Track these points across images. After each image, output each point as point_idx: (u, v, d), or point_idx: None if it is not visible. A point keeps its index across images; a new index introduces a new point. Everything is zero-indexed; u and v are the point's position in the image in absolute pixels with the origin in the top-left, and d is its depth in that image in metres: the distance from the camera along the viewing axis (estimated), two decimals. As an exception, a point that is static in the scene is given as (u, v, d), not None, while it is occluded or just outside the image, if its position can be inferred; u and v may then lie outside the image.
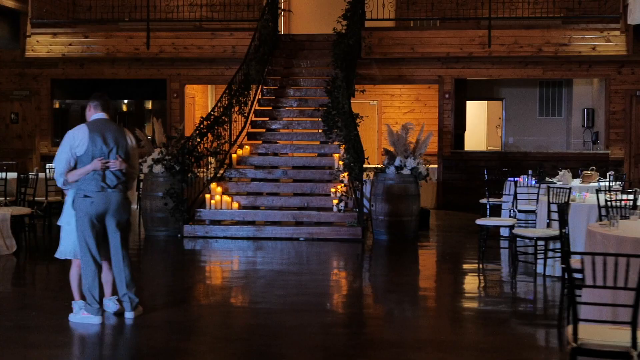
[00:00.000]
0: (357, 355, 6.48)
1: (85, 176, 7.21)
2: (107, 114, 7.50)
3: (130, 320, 7.41)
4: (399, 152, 12.92)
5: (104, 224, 7.34)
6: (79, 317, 7.39)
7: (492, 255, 11.12)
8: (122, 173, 7.33)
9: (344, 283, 9.96)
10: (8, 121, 18.45)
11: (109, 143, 7.25)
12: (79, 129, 7.31)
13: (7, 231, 11.21)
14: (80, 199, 7.23)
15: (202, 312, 8.04)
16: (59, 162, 7.25)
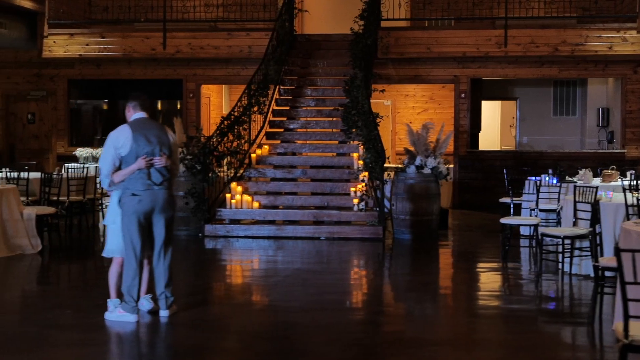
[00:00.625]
0: (392, 353, 6.52)
1: (131, 175, 7.26)
2: (146, 112, 7.55)
3: (165, 319, 7.45)
4: (420, 151, 12.96)
5: (149, 222, 7.39)
6: (115, 316, 7.43)
7: (513, 254, 11.16)
8: (166, 170, 7.38)
9: (369, 282, 10.01)
10: (25, 121, 18.53)
11: (152, 141, 7.30)
12: (122, 130, 7.35)
13: (32, 230, 11.26)
14: (127, 197, 7.26)
15: (234, 310, 8.09)
16: (104, 163, 7.30)
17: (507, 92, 19.83)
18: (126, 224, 7.31)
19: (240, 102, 14.09)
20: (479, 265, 10.98)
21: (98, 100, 19.45)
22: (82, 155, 17.28)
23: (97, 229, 13.69)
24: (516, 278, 9.99)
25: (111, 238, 7.54)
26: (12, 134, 18.55)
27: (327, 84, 16.08)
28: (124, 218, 7.32)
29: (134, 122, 7.43)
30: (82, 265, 11.06)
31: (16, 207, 11.21)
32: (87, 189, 13.45)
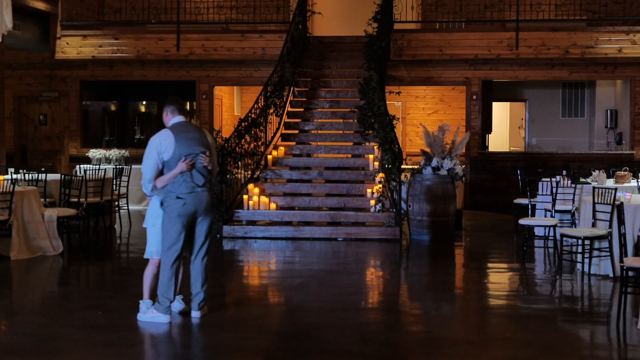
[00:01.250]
0: (424, 352, 6.64)
1: (174, 179, 7.35)
2: (184, 116, 7.66)
3: (197, 320, 7.56)
4: (436, 153, 13.06)
5: (192, 224, 7.49)
6: (148, 317, 7.53)
7: (529, 255, 11.27)
8: (207, 171, 7.49)
9: (391, 282, 10.12)
10: (37, 122, 18.62)
11: (193, 144, 7.40)
12: (164, 134, 7.42)
13: (53, 232, 11.36)
14: (172, 200, 7.35)
15: (263, 311, 8.19)
16: (147, 168, 7.37)
17: (516, 93, 19.95)
18: (168, 227, 7.41)
19: (257, 104, 14.19)
20: (498, 266, 11.09)
21: (110, 101, 19.53)
22: (94, 157, 17.34)
23: (114, 231, 13.78)
24: (536, 278, 10.11)
25: (151, 240, 7.64)
26: (24, 135, 18.64)
27: (340, 86, 16.18)
28: (167, 221, 7.41)
29: (174, 126, 7.52)
30: (105, 266, 11.14)
31: (37, 208, 11.30)
32: (104, 190, 13.52)
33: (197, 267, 7.65)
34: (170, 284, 7.45)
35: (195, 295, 7.66)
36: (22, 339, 6.91)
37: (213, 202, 7.64)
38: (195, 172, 7.40)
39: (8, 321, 7.57)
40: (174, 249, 7.42)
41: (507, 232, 13.72)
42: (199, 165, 7.40)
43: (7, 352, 6.51)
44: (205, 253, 7.66)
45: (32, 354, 6.46)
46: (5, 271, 10.18)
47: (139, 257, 11.57)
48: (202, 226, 7.57)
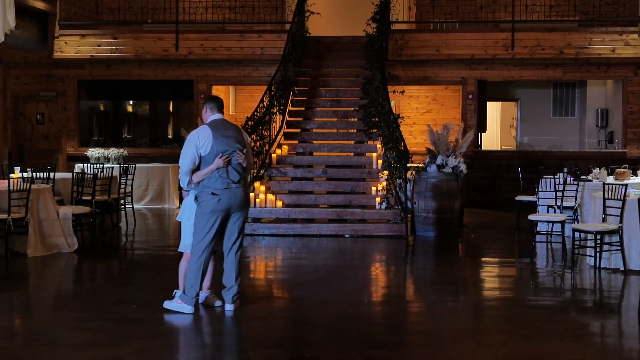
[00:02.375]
0: (463, 341, 6.84)
1: (211, 175, 7.52)
2: (222, 114, 7.82)
3: (230, 312, 7.71)
4: (441, 151, 13.30)
5: (225, 220, 7.66)
6: (172, 304, 7.74)
7: (533, 249, 11.52)
8: (242, 168, 7.65)
9: (409, 276, 10.34)
10: (34, 122, 18.65)
11: (230, 141, 7.57)
12: (203, 130, 7.60)
13: (68, 229, 11.47)
14: (207, 196, 7.52)
15: (291, 304, 8.37)
16: (184, 161, 7.54)
17: (508, 93, 20.26)
18: (201, 221, 7.57)
19: (262, 103, 14.34)
20: (508, 261, 11.34)
21: (108, 100, 19.59)
22: (93, 156, 17.40)
23: (120, 229, 13.88)
24: (547, 272, 10.34)
25: (185, 234, 7.83)
26: (21, 135, 18.65)
27: (340, 85, 16.38)
28: (201, 216, 7.57)
29: (212, 123, 7.69)
30: (123, 262, 11.28)
31: (52, 206, 11.41)
32: (112, 188, 13.62)
33: (231, 261, 7.80)
34: (197, 277, 7.61)
35: (229, 289, 7.82)
36: (66, 332, 7.04)
37: (247, 198, 7.79)
38: (231, 169, 7.57)
39: (46, 315, 7.68)
40: (204, 243, 7.58)
41: (509, 229, 14.00)
42: (234, 162, 7.57)
43: (55, 344, 6.65)
44: (239, 247, 7.82)
45: (81, 347, 6.60)
46: (25, 268, 10.28)
47: (154, 253, 11.86)
48: (236, 222, 7.73)
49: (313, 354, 6.43)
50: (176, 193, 17.40)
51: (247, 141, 7.82)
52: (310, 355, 6.38)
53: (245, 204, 7.76)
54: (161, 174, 17.33)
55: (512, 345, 6.74)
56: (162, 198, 17.36)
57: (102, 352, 6.46)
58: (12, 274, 10.02)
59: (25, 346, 6.67)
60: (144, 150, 18.58)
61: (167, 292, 8.27)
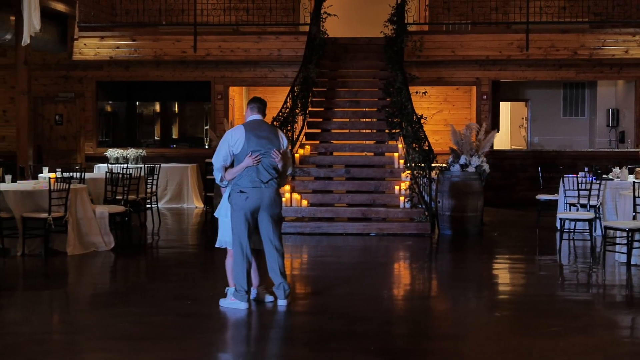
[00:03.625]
0: (520, 334, 7.09)
1: (241, 173, 7.76)
2: (262, 116, 8.05)
3: (283, 308, 7.93)
4: (465, 150, 13.54)
5: (256, 218, 7.87)
6: (227, 302, 7.97)
7: (552, 247, 11.78)
8: (275, 170, 7.87)
9: (446, 273, 10.54)
10: (53, 122, 18.81)
11: (263, 142, 7.80)
12: (237, 129, 7.89)
13: (105, 228, 11.68)
14: (236, 194, 7.79)
15: (339, 300, 8.52)
16: (216, 158, 7.86)
17: (518, 93, 20.54)
18: (234, 219, 7.84)
19: (285, 104, 14.56)
20: (538, 258, 11.54)
21: (126, 101, 19.78)
22: (112, 156, 17.62)
23: (146, 227, 14.07)
24: (579, 269, 10.59)
25: (222, 230, 8.11)
26: (40, 135, 18.81)
27: (359, 86, 16.62)
28: (233, 213, 7.84)
29: (248, 123, 7.96)
30: (162, 260, 11.45)
31: (89, 205, 11.62)
32: (139, 188, 13.81)
33: (272, 259, 7.98)
34: (243, 274, 7.83)
35: (277, 286, 8.03)
36: (135, 327, 7.26)
37: (277, 199, 7.94)
38: (262, 169, 7.80)
39: (109, 311, 7.88)
40: (239, 239, 7.82)
41: (530, 227, 14.25)
42: (266, 162, 7.79)
43: (128, 339, 6.87)
44: (276, 246, 7.95)
45: (154, 340, 6.83)
46: (68, 266, 10.49)
47: (188, 251, 12.09)
48: (266, 220, 7.90)
49: (378, 346, 6.66)
50: (195, 193, 17.61)
51: (283, 144, 8.02)
52: (376, 347, 6.61)
53: (274, 205, 7.91)
54: (180, 174, 17.55)
55: (568, 337, 6.99)
56: (181, 198, 17.57)
57: (173, 344, 6.69)
58: (58, 271, 10.23)
59: (100, 340, 6.87)
60: (161, 150, 18.78)
61: (216, 289, 8.55)
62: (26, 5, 14.62)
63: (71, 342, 6.85)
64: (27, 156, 15.54)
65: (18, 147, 15.68)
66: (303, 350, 6.57)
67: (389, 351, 6.53)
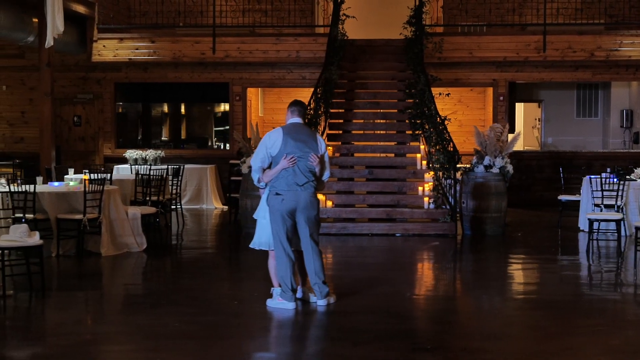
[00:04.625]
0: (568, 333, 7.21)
1: (278, 175, 7.88)
2: (302, 119, 8.17)
3: (323, 308, 8.04)
4: (489, 152, 13.66)
5: (294, 219, 7.99)
6: (275, 303, 8.07)
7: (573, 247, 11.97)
8: (312, 174, 7.98)
9: (479, 274, 10.65)
10: (71, 124, 18.91)
11: (300, 145, 7.92)
12: (275, 131, 8.04)
13: (137, 229, 11.78)
14: (272, 196, 7.93)
15: (378, 299, 8.62)
16: (254, 160, 8.02)
17: (532, 94, 20.67)
18: (273, 221, 7.98)
19: (309, 106, 14.66)
20: (567, 258, 11.67)
21: (144, 103, 19.86)
22: (131, 157, 17.73)
23: (170, 228, 14.17)
24: (611, 269, 10.71)
25: (260, 231, 8.23)
26: (58, 137, 18.84)
27: (377, 87, 16.74)
28: (270, 215, 7.99)
29: (287, 126, 8.10)
30: (196, 261, 11.52)
31: (121, 207, 11.72)
32: (165, 190, 13.92)
33: (309, 260, 8.08)
34: (287, 274, 7.95)
35: (312, 286, 8.14)
36: (188, 326, 7.36)
37: (314, 201, 8.04)
38: (298, 171, 7.91)
39: (159, 311, 7.98)
40: (279, 240, 7.95)
41: (552, 227, 14.39)
42: (302, 165, 7.90)
43: (183, 337, 6.98)
44: (313, 247, 8.05)
45: (207, 340, 6.92)
46: (104, 266, 10.60)
47: (220, 252, 12.19)
48: (303, 222, 8.00)
49: (434, 344, 6.77)
50: (214, 193, 17.73)
51: (321, 147, 8.12)
52: (432, 346, 6.72)
53: (310, 207, 8.00)
54: (199, 175, 17.66)
55: (616, 336, 7.11)
56: (200, 198, 17.69)
57: (228, 344, 6.84)
58: (96, 272, 10.33)
59: (156, 340, 6.97)
60: (180, 151, 18.88)
61: (259, 289, 8.72)
62: (50, 7, 14.71)
63: (129, 342, 6.94)
64: (50, 157, 15.64)
65: (41, 149, 15.77)
66: (362, 350, 6.67)
67: (445, 350, 6.64)
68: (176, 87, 19.05)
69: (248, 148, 14.03)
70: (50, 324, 7.71)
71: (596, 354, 6.59)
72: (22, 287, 8.87)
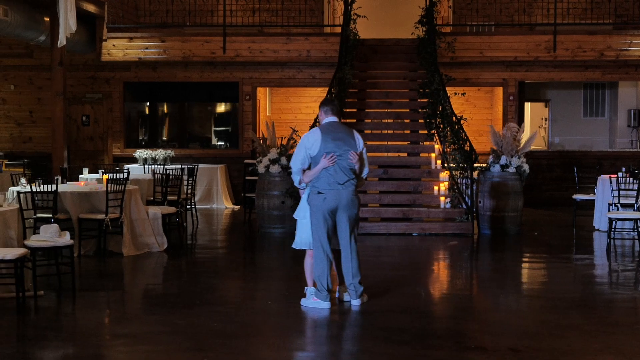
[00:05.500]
0: (604, 332, 7.22)
1: (319, 175, 7.87)
2: (337, 117, 8.16)
3: (357, 307, 8.04)
4: (505, 151, 13.68)
5: (334, 219, 7.98)
6: (309, 302, 8.07)
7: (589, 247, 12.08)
8: (352, 171, 7.98)
9: (503, 273, 10.64)
10: (79, 123, 18.85)
11: (339, 144, 7.92)
12: (313, 132, 8.02)
13: (158, 229, 11.76)
14: (314, 195, 7.93)
15: (409, 299, 8.64)
16: (294, 161, 8.02)
17: (539, 94, 20.71)
18: (313, 220, 7.97)
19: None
20: (585, 257, 11.71)
21: (153, 102, 19.82)
22: (141, 157, 17.68)
23: (186, 228, 14.13)
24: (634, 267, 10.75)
25: (300, 231, 8.21)
26: (67, 136, 18.81)
27: (389, 87, 16.75)
28: (312, 214, 7.97)
29: (324, 125, 8.08)
30: (219, 261, 11.51)
31: (142, 206, 11.69)
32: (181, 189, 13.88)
33: (347, 259, 8.08)
34: (324, 273, 7.95)
35: (348, 285, 8.14)
36: (228, 325, 7.36)
37: (355, 199, 8.06)
38: (338, 170, 7.91)
39: (195, 311, 7.96)
40: (319, 240, 7.95)
41: (566, 226, 14.43)
42: (342, 163, 7.90)
43: (224, 337, 6.98)
44: (352, 246, 8.07)
45: (245, 339, 6.96)
46: (128, 266, 10.58)
47: (242, 252, 12.23)
48: (344, 221, 8.02)
49: (477, 343, 6.78)
50: (225, 193, 17.70)
51: (359, 145, 8.13)
52: (476, 345, 6.73)
53: (352, 205, 8.03)
54: (209, 174, 17.63)
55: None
56: (210, 198, 17.66)
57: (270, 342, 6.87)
58: (123, 272, 10.35)
59: (198, 339, 6.95)
60: (189, 151, 18.84)
61: (290, 288, 8.73)
62: (62, 6, 14.63)
63: (171, 341, 6.91)
64: (62, 157, 15.61)
65: (53, 148, 15.74)
66: (407, 349, 6.68)
67: (491, 349, 6.63)
68: (185, 86, 19.01)
69: (264, 148, 14.01)
70: (86, 324, 7.66)
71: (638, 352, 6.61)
72: (51, 287, 8.84)
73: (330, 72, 17.80)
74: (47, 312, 8.03)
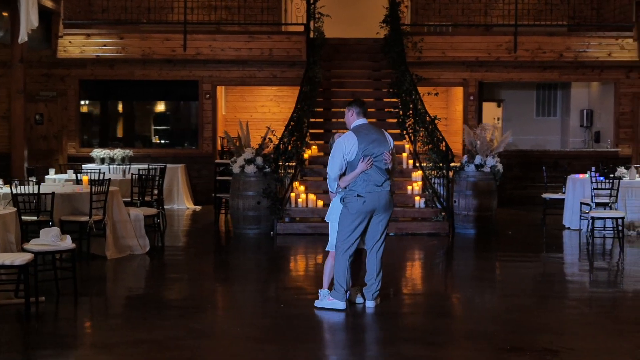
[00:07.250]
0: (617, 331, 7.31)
1: (356, 178, 7.77)
2: (366, 118, 8.08)
3: (372, 309, 7.98)
4: (480, 151, 13.77)
5: (369, 221, 7.89)
6: (324, 303, 7.99)
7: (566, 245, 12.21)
8: (386, 172, 7.91)
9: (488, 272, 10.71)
10: (32, 122, 18.27)
11: (375, 145, 7.83)
12: (348, 137, 7.87)
13: (140, 231, 11.45)
14: (353, 198, 7.81)
15: (422, 300, 8.64)
16: (332, 168, 7.85)
17: (493, 94, 20.94)
18: (346, 222, 7.84)
19: (298, 105, 14.52)
20: (568, 255, 11.87)
21: (110, 101, 19.36)
22: (98, 156, 17.24)
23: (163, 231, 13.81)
24: (618, 265, 10.92)
25: (333, 234, 8.05)
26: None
27: (355, 86, 16.71)
28: (347, 216, 7.84)
29: (357, 128, 7.95)
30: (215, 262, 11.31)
31: (124, 208, 11.37)
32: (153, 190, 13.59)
33: (373, 259, 8.06)
34: (344, 273, 7.88)
35: (369, 286, 8.07)
36: (248, 329, 7.23)
37: (392, 200, 8.04)
38: (375, 172, 7.84)
39: (208, 315, 7.78)
40: (349, 242, 7.86)
41: (536, 225, 14.58)
42: (379, 164, 7.82)
43: (252, 340, 6.84)
44: (381, 246, 8.07)
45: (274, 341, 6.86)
46: (114, 270, 10.28)
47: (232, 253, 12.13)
48: (380, 222, 7.98)
49: (511, 344, 6.75)
50: (185, 193, 17.39)
51: (391, 144, 8.08)
52: (511, 346, 6.70)
53: (390, 206, 8.02)
54: (170, 174, 17.23)
55: None
56: (171, 199, 17.29)
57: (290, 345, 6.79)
58: (114, 276, 10.07)
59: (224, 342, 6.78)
60: (148, 150, 18.44)
61: (298, 291, 8.56)
62: (23, 1, 14.18)
63: (196, 347, 6.70)
64: (22, 157, 15.12)
65: (13, 148, 15.23)
66: (444, 351, 6.63)
67: (527, 349, 6.62)
68: (144, 84, 18.62)
69: (238, 147, 13.82)
70: (100, 330, 7.40)
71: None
72: (50, 292, 8.50)
73: (292, 71, 17.73)
74: (57, 320, 7.72)
